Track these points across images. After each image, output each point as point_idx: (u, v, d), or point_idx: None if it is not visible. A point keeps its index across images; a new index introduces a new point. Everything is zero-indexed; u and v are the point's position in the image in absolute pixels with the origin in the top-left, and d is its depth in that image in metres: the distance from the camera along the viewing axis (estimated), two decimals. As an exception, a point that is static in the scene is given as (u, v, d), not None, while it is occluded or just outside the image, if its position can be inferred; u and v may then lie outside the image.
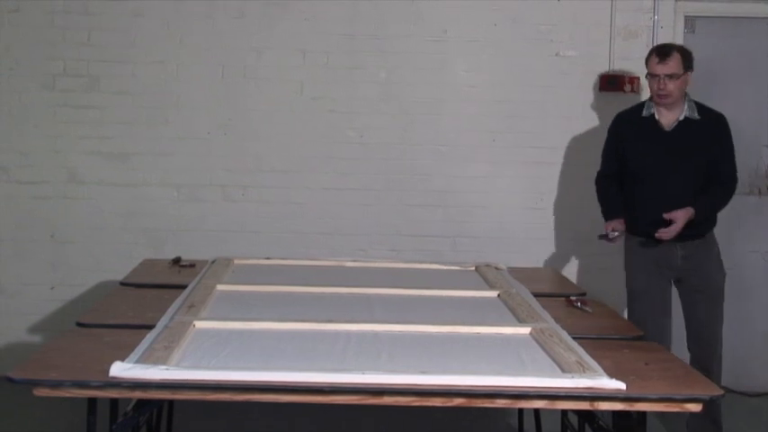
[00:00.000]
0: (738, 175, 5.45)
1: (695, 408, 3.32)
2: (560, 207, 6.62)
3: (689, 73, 5.33)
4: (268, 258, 5.77)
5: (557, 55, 6.64)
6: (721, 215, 5.48)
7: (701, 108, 5.42)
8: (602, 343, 3.94)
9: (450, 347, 3.79)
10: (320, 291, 4.81)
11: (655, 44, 6.57)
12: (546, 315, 4.31)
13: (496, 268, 5.51)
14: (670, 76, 5.23)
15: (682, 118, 5.35)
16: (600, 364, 3.48)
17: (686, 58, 5.32)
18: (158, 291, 4.80)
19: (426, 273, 5.52)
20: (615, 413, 3.75)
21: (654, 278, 5.33)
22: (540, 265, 6.56)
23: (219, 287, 4.76)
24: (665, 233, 5.12)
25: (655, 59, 5.28)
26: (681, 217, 5.12)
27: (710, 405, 4.68)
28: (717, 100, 6.64)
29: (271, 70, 6.64)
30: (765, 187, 6.71)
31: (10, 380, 3.23)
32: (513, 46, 6.65)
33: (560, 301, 4.76)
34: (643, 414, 3.66)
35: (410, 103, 6.66)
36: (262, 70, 6.64)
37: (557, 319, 4.24)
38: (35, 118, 6.61)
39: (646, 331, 4.43)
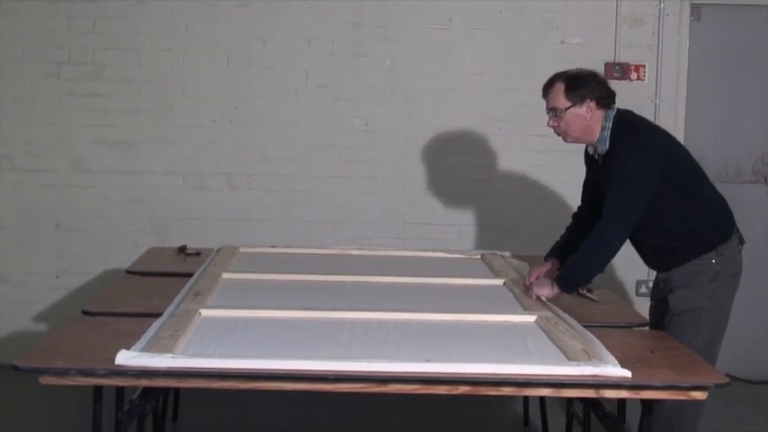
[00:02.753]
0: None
1: (701, 395, 3.32)
2: (566, 195, 6.61)
3: (587, 103, 4.30)
4: (273, 247, 5.78)
5: (562, 43, 6.62)
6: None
7: (615, 135, 4.32)
8: (607, 331, 3.94)
9: (456, 336, 3.79)
10: (325, 279, 4.81)
11: (661, 32, 6.58)
12: (550, 303, 4.31)
13: (502, 256, 5.51)
14: (553, 111, 4.36)
15: (603, 153, 4.37)
16: (605, 352, 3.49)
17: (575, 85, 4.32)
18: (164, 279, 4.81)
19: (431, 261, 5.52)
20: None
21: (654, 302, 4.68)
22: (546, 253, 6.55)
23: (225, 275, 4.77)
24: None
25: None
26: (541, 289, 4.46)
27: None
28: (722, 88, 6.66)
29: (276, 58, 6.64)
30: (771, 175, 6.71)
31: (16, 368, 3.23)
32: (519, 34, 6.64)
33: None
34: (649, 403, 3.66)
35: (415, 91, 6.66)
36: (267, 58, 6.64)
37: (563, 308, 4.23)
38: (40, 106, 6.61)
39: None
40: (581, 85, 4.32)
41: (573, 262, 4.38)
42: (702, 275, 4.32)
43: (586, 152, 4.57)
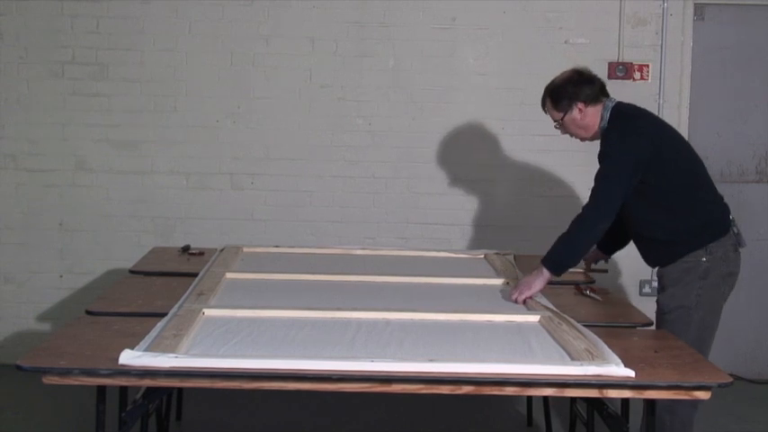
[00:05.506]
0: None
1: (704, 395, 3.32)
2: (569, 195, 6.61)
3: (575, 108, 4.44)
4: (277, 246, 5.78)
5: (566, 42, 6.62)
6: (729, 202, 4.97)
7: (611, 122, 4.44)
8: (611, 331, 3.94)
9: (459, 335, 3.79)
10: (329, 279, 4.81)
11: (664, 32, 6.57)
12: (546, 302, 4.30)
13: (505, 256, 5.50)
14: (556, 123, 4.57)
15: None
16: (608, 352, 3.48)
17: (557, 97, 4.48)
18: (167, 279, 4.82)
19: (435, 261, 5.51)
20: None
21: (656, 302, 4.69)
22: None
23: (228, 275, 4.77)
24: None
25: None
26: (523, 284, 4.44)
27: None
28: (726, 87, 6.65)
29: (279, 58, 6.64)
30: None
31: (19, 368, 3.23)
32: (522, 34, 6.64)
33: (569, 289, 4.76)
34: (652, 402, 3.66)
35: (418, 90, 6.65)
36: (270, 58, 6.63)
37: (566, 307, 4.24)
38: (44, 106, 6.62)
39: None
40: (561, 95, 4.48)
41: (560, 242, 4.40)
42: (692, 273, 4.34)
43: None
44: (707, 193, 4.47)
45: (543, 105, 4.60)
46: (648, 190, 4.32)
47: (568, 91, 4.46)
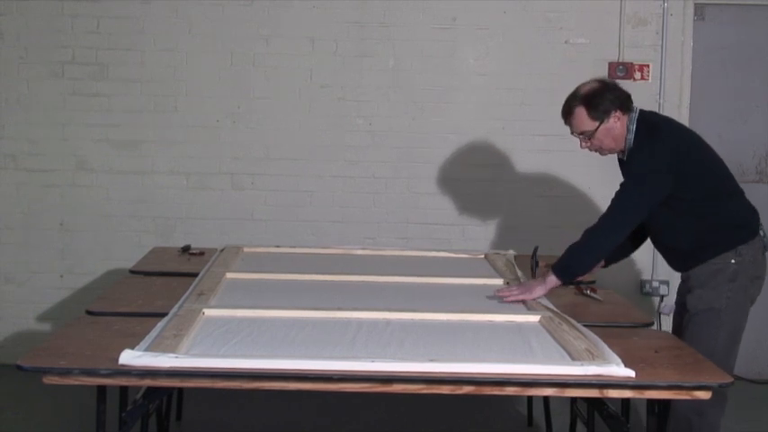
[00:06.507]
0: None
1: (704, 395, 3.32)
2: (569, 195, 6.61)
3: (613, 115, 4.29)
4: (277, 246, 5.78)
5: (566, 43, 6.62)
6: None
7: (639, 134, 4.31)
8: (611, 331, 3.93)
9: (460, 335, 3.79)
10: (329, 279, 4.81)
11: (665, 32, 6.57)
12: (547, 303, 4.30)
13: (505, 256, 5.50)
14: (583, 135, 4.38)
15: (628, 152, 4.36)
16: (609, 352, 3.48)
17: (595, 103, 4.29)
18: (167, 279, 4.81)
19: (435, 261, 5.51)
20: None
21: (677, 305, 4.67)
22: (549, 253, 6.54)
23: (229, 275, 4.77)
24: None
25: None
26: (524, 287, 4.46)
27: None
28: (726, 87, 6.65)
29: (279, 58, 6.64)
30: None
31: (19, 368, 3.23)
32: (523, 34, 6.64)
33: (570, 289, 4.75)
34: (666, 402, 3.66)
35: (419, 90, 6.65)
36: (270, 58, 6.64)
37: (566, 307, 4.23)
38: (44, 106, 6.62)
39: None
40: (599, 101, 4.30)
41: (571, 250, 4.40)
42: (721, 275, 4.30)
43: (619, 159, 4.53)
44: (735, 197, 4.46)
45: (568, 116, 4.39)
46: (676, 202, 4.27)
47: (607, 98, 4.30)
